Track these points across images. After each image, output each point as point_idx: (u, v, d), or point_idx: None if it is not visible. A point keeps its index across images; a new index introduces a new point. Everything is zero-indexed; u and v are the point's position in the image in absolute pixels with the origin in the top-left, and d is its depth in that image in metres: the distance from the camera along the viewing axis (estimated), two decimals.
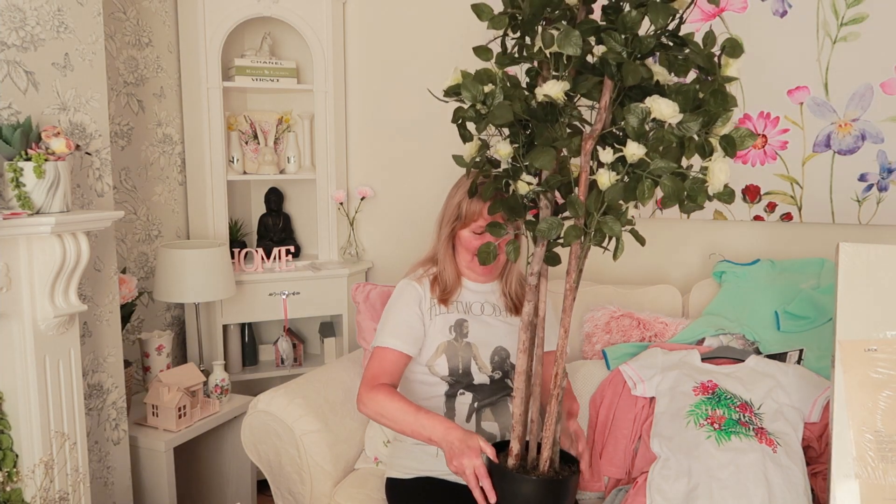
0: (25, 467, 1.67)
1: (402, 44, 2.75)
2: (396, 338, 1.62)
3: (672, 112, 1.07)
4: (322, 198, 2.79)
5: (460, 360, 1.64)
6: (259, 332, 2.91)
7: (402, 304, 1.68)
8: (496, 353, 1.67)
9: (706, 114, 1.11)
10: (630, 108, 1.10)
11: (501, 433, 1.61)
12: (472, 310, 1.70)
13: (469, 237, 1.64)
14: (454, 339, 1.66)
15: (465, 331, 1.67)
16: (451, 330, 1.66)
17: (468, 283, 1.72)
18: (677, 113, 1.08)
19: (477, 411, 1.63)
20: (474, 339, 1.66)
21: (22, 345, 1.66)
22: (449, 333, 1.66)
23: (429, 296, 1.68)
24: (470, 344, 1.66)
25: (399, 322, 1.65)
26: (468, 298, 1.71)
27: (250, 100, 2.92)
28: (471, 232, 1.63)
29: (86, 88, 1.88)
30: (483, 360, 1.66)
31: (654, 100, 1.08)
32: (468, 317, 1.68)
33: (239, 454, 2.37)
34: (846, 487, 1.32)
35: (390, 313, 1.68)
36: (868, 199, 2.06)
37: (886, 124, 2.01)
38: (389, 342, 1.62)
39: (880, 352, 1.35)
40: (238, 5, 2.59)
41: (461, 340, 1.66)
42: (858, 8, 2.00)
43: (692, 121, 1.10)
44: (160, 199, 2.64)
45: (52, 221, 1.57)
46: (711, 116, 1.12)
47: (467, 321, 1.68)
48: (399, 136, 2.80)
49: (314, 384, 1.96)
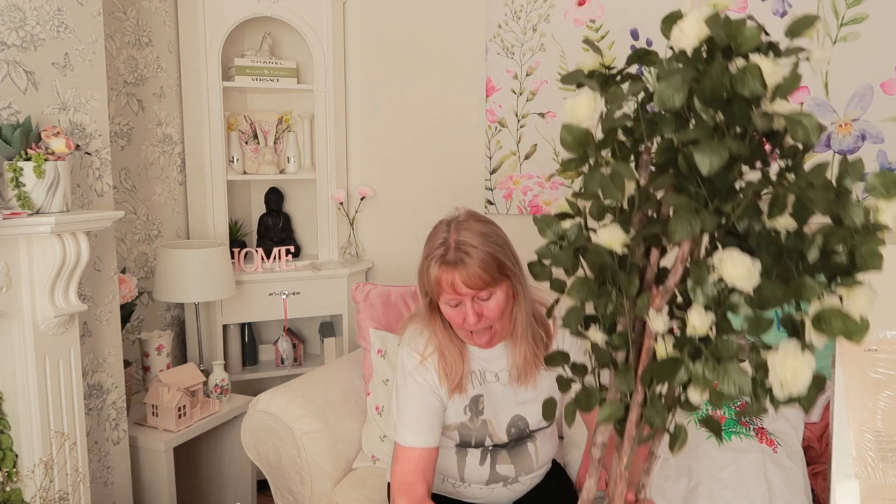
0: (25, 467, 1.67)
1: (401, 44, 2.75)
2: (417, 433, 1.42)
3: (745, 275, 0.77)
4: (322, 198, 2.79)
5: (473, 437, 1.50)
6: (259, 332, 2.91)
7: (416, 394, 1.45)
8: (513, 423, 1.50)
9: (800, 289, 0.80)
10: (697, 264, 0.82)
11: (517, 474, 1.52)
12: (486, 378, 1.49)
13: (447, 311, 1.38)
14: (469, 419, 1.49)
15: (480, 407, 1.49)
16: (466, 410, 1.49)
17: (472, 348, 1.48)
18: (754, 277, 0.77)
19: (491, 453, 1.52)
20: (490, 415, 1.49)
21: (22, 345, 1.65)
22: (464, 414, 1.49)
23: (443, 386, 1.45)
24: (486, 421, 1.49)
25: (418, 416, 1.44)
26: (478, 366, 1.50)
27: (250, 100, 2.92)
28: (446, 305, 1.38)
29: (86, 88, 1.88)
30: (499, 433, 1.50)
31: (725, 256, 0.78)
32: (483, 389, 1.48)
33: (239, 454, 2.37)
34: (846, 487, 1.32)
35: (405, 403, 1.46)
36: (868, 199, 2.06)
37: (886, 124, 2.01)
38: (411, 440, 1.42)
39: (880, 352, 1.35)
40: (238, 5, 2.59)
41: (476, 420, 1.49)
42: (858, 8, 2.00)
43: (774, 294, 0.79)
44: (160, 199, 2.64)
45: (51, 221, 1.57)
46: (806, 291, 0.81)
47: (482, 396, 1.48)
48: (399, 136, 2.80)
49: (314, 384, 1.96)
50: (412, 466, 1.40)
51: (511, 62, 2.52)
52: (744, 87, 0.77)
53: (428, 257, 1.36)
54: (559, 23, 2.42)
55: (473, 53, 2.60)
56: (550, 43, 2.44)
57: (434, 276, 1.34)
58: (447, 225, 1.38)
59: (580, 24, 2.39)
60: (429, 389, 1.45)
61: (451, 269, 1.32)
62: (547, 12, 2.44)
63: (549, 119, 2.48)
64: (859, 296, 0.81)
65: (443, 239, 1.35)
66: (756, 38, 0.80)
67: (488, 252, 1.32)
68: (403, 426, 1.44)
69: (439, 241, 1.35)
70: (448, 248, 1.33)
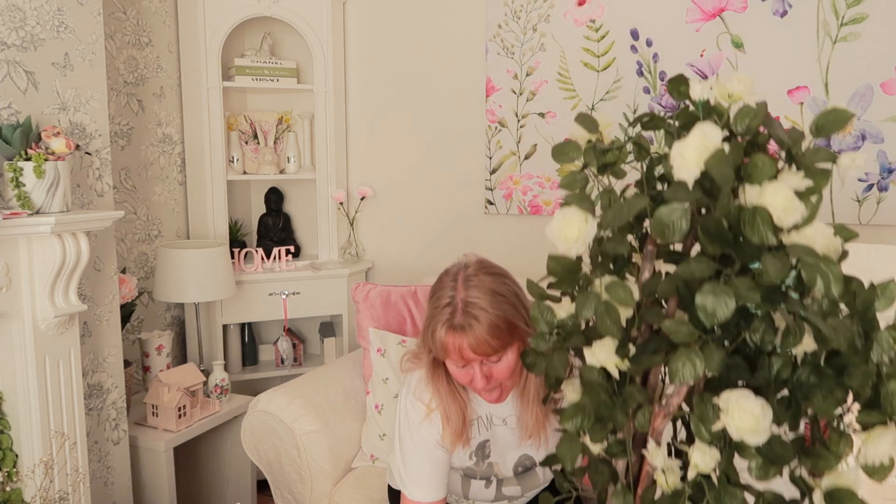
0: (25, 467, 1.67)
1: (401, 44, 2.75)
2: (424, 488, 1.40)
3: (753, 426, 0.70)
4: (322, 198, 2.79)
5: (479, 475, 1.47)
6: (259, 332, 2.91)
7: (422, 449, 1.40)
8: (520, 462, 1.47)
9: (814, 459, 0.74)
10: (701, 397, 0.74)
11: (523, 492, 1.49)
12: (493, 422, 1.44)
13: (453, 370, 1.32)
14: (474, 464, 1.45)
15: (487, 452, 1.45)
16: (472, 456, 1.45)
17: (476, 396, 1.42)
18: (764, 430, 0.70)
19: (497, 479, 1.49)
20: (497, 458, 1.46)
21: (22, 345, 1.65)
22: (469, 460, 1.45)
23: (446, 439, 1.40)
24: (492, 463, 1.46)
25: (424, 470, 1.40)
26: (485, 411, 1.44)
27: (250, 100, 2.92)
28: (452, 365, 1.31)
29: (86, 88, 1.88)
30: (505, 471, 1.47)
31: (733, 402, 0.71)
32: (490, 434, 1.44)
33: (239, 454, 2.37)
34: None
35: (410, 458, 1.41)
36: (868, 199, 2.06)
37: (886, 124, 2.01)
38: (419, 495, 1.40)
39: None
40: (238, 5, 2.59)
41: (482, 463, 1.45)
42: (858, 8, 2.00)
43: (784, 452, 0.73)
44: (160, 199, 2.64)
45: (51, 221, 1.57)
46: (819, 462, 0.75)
47: (489, 441, 1.44)
48: (399, 135, 2.80)
49: (314, 384, 1.96)
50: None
51: (511, 62, 2.52)
52: (753, 233, 0.68)
53: (434, 318, 1.27)
54: (559, 23, 2.42)
55: (473, 53, 2.60)
56: (550, 43, 2.44)
57: (440, 340, 1.26)
58: (454, 279, 1.29)
59: (580, 24, 2.39)
60: (434, 443, 1.40)
61: (459, 334, 1.23)
62: (547, 12, 2.44)
63: (549, 119, 2.48)
64: (882, 440, 0.72)
65: (450, 298, 1.26)
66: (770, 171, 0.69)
67: (498, 315, 1.23)
68: (410, 481, 1.41)
69: (446, 301, 1.27)
70: (455, 310, 1.24)
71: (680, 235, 0.70)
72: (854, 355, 0.71)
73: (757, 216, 0.68)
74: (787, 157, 0.74)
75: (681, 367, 0.70)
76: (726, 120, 0.74)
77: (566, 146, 0.82)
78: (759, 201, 0.68)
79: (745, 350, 0.76)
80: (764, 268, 0.67)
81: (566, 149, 0.82)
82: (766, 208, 0.67)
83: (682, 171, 0.70)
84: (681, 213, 0.70)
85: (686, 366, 0.70)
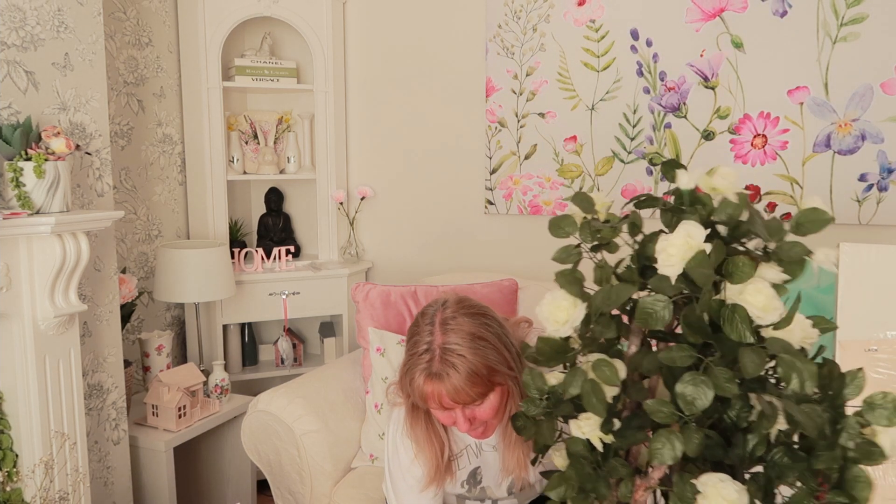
0: (25, 467, 1.67)
1: (402, 44, 2.75)
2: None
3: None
4: (322, 198, 2.79)
5: (473, 498, 1.47)
6: (259, 332, 2.91)
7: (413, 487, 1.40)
8: (512, 484, 1.44)
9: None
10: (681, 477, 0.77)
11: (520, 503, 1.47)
12: (483, 449, 1.41)
13: (437, 413, 1.28)
14: (466, 491, 1.44)
15: (478, 478, 1.43)
16: (463, 485, 1.43)
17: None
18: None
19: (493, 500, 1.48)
20: (489, 482, 1.43)
21: (22, 345, 1.65)
22: (462, 488, 1.43)
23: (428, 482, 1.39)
24: (485, 487, 1.44)
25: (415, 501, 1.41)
26: (471, 440, 1.40)
27: (250, 100, 2.92)
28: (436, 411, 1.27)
29: (86, 88, 1.88)
30: (498, 493, 1.45)
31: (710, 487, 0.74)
32: (480, 461, 1.41)
33: (239, 454, 2.37)
34: None
35: (403, 494, 1.41)
36: (868, 199, 2.06)
37: (886, 124, 2.01)
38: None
39: (881, 352, 1.35)
40: (238, 5, 2.59)
41: (475, 489, 1.44)
42: (858, 8, 2.00)
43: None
44: (160, 199, 2.64)
45: (52, 221, 1.56)
46: None
47: (480, 468, 1.41)
48: (399, 135, 2.80)
49: (314, 384, 1.96)
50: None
51: (511, 62, 2.52)
52: (731, 330, 0.72)
53: (411, 365, 1.22)
54: (559, 23, 2.42)
55: (473, 53, 2.60)
56: (550, 43, 2.44)
57: (419, 389, 1.21)
58: (431, 322, 1.24)
59: (580, 24, 2.39)
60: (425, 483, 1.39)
61: (437, 382, 1.19)
62: (547, 12, 2.44)
63: (550, 119, 2.48)
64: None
65: (427, 344, 1.21)
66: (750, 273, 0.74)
67: (478, 361, 1.19)
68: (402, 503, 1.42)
69: (423, 347, 1.22)
70: (433, 357, 1.19)
71: (662, 324, 0.75)
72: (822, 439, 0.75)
73: (736, 315, 0.72)
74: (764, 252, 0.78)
75: (661, 448, 0.73)
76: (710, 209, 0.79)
77: (562, 220, 0.85)
78: (740, 299, 0.72)
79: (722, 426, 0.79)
80: (742, 362, 0.70)
81: (562, 223, 0.85)
82: (745, 308, 0.72)
83: (665, 268, 0.75)
84: (664, 304, 0.75)
85: (666, 447, 0.73)
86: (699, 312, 0.74)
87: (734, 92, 2.19)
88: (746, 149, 2.20)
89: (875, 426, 0.77)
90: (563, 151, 2.47)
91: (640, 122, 2.33)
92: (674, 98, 2.27)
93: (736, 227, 0.78)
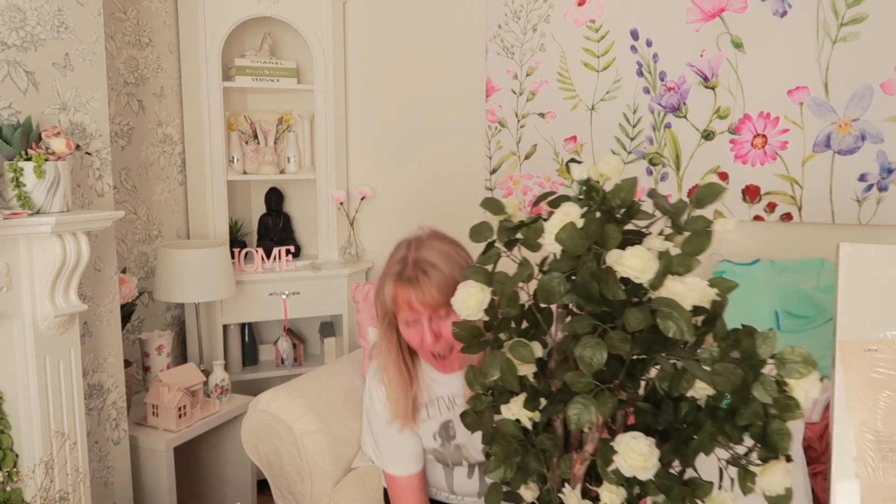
0: (25, 467, 1.67)
1: (402, 44, 2.75)
2: (400, 464, 1.45)
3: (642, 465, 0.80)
4: (322, 198, 2.79)
5: (449, 459, 1.48)
6: (259, 332, 2.91)
7: (391, 436, 1.45)
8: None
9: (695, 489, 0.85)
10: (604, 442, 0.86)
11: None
12: (456, 402, 1.43)
13: (405, 331, 1.34)
14: (440, 445, 1.46)
15: (451, 433, 1.45)
16: (435, 437, 1.45)
17: (438, 375, 1.44)
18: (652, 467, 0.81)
19: (479, 466, 1.48)
20: (463, 439, 1.44)
21: (22, 345, 1.65)
22: (434, 440, 1.45)
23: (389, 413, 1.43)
24: (459, 445, 1.45)
25: (397, 450, 1.45)
26: (446, 391, 1.44)
27: (250, 100, 2.92)
28: (403, 325, 1.34)
29: (86, 88, 1.88)
30: (475, 454, 1.46)
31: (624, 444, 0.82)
32: (452, 414, 1.44)
33: (239, 454, 2.37)
34: (846, 487, 1.32)
35: (381, 440, 1.47)
36: (868, 199, 2.06)
37: (886, 124, 2.01)
38: (398, 470, 1.45)
39: (881, 352, 1.35)
40: (238, 5, 2.59)
41: (449, 445, 1.46)
42: (858, 8, 2.00)
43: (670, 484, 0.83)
44: (160, 199, 2.64)
45: (52, 221, 1.57)
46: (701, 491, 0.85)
47: (452, 421, 1.44)
48: (399, 135, 2.80)
49: (314, 384, 1.96)
50: (408, 493, 1.45)
51: (511, 62, 2.52)
52: (607, 290, 0.80)
53: (385, 273, 1.32)
54: (559, 23, 2.42)
55: (473, 53, 2.60)
56: (550, 43, 2.44)
57: (389, 294, 1.30)
58: (408, 244, 1.34)
59: (580, 24, 2.39)
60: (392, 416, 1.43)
61: (407, 287, 1.27)
62: (547, 12, 2.44)
63: (549, 119, 2.48)
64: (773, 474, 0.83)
65: (401, 256, 1.32)
66: (616, 239, 0.83)
67: (448, 272, 1.27)
68: (386, 459, 1.47)
69: (398, 259, 1.32)
70: (406, 265, 1.29)
71: (559, 297, 0.83)
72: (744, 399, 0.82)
73: (609, 277, 0.80)
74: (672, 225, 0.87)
75: (578, 413, 0.81)
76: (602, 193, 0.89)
77: (481, 227, 0.96)
78: (620, 263, 0.80)
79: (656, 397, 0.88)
80: (626, 319, 0.79)
81: (481, 229, 0.96)
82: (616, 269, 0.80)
83: (549, 245, 0.86)
84: (558, 279, 0.83)
85: (582, 412, 0.81)
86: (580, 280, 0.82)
87: (734, 92, 2.19)
88: (746, 149, 2.20)
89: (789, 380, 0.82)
90: (563, 151, 2.47)
91: (640, 122, 2.33)
92: (674, 98, 2.27)
93: (629, 209, 0.87)
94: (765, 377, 0.81)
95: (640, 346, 0.83)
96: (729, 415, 0.84)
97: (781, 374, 0.82)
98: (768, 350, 0.82)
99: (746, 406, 0.81)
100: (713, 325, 0.86)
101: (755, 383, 0.81)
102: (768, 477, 0.83)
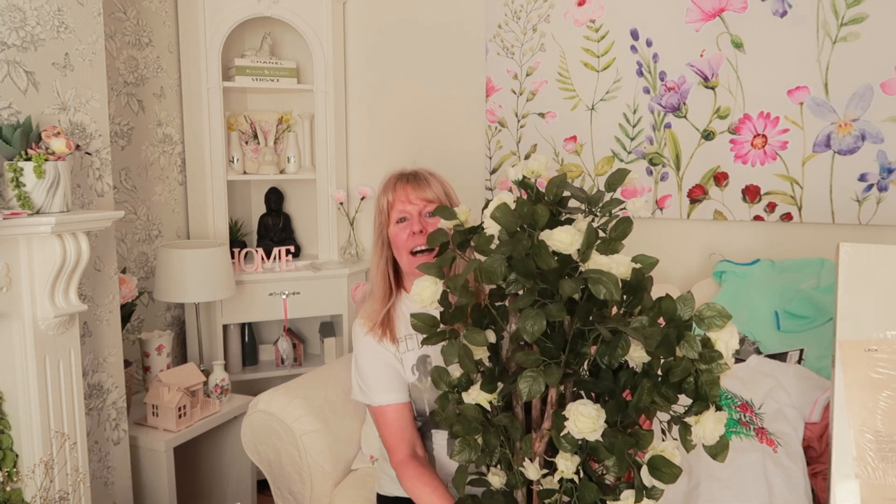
0: (25, 467, 1.67)
1: (401, 44, 2.75)
2: (387, 391, 1.48)
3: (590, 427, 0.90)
4: (322, 198, 2.79)
5: (426, 402, 1.51)
6: (259, 332, 2.91)
7: (371, 355, 1.51)
8: None
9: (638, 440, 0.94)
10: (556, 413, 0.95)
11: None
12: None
13: (394, 232, 1.48)
14: (417, 379, 1.50)
15: (427, 368, 1.50)
16: (413, 370, 1.50)
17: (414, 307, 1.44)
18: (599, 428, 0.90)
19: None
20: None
21: (22, 345, 1.65)
22: (412, 374, 1.50)
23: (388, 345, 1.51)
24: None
25: (380, 375, 1.50)
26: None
27: (250, 100, 2.92)
28: (394, 226, 1.48)
29: (86, 88, 1.88)
30: None
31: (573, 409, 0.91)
32: (431, 350, 1.49)
33: (239, 454, 2.37)
34: (846, 487, 1.32)
35: (364, 367, 1.52)
36: (868, 199, 2.06)
37: (886, 124, 2.01)
38: (384, 399, 1.48)
39: (880, 352, 1.35)
40: (238, 5, 2.59)
41: (424, 380, 1.50)
42: (858, 8, 2.01)
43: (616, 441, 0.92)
44: (160, 199, 2.64)
45: (52, 221, 1.56)
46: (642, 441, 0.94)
47: (430, 357, 1.50)
48: (399, 135, 2.80)
49: (314, 384, 1.96)
50: (397, 426, 1.48)
51: (511, 62, 2.52)
52: (541, 261, 0.90)
53: (385, 185, 1.51)
54: (559, 23, 2.42)
55: (473, 53, 2.60)
56: (550, 43, 2.44)
57: (390, 190, 1.49)
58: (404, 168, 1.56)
59: (580, 24, 2.39)
60: (380, 348, 1.51)
61: (406, 184, 1.48)
62: (547, 12, 2.44)
63: (549, 119, 2.48)
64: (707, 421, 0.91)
65: (401, 169, 1.54)
66: (545, 217, 0.94)
67: (441, 186, 1.50)
68: (371, 389, 1.50)
69: (397, 171, 1.54)
70: (406, 170, 1.52)
71: (499, 278, 0.93)
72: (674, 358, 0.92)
73: (541, 249, 0.91)
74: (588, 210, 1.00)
75: (527, 385, 0.90)
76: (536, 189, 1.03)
77: (437, 233, 1.09)
78: (551, 238, 0.92)
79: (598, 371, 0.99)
80: (560, 288, 0.89)
81: (437, 235, 1.09)
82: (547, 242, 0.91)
83: (489, 229, 1.01)
84: (500, 261, 0.94)
85: (532, 383, 0.90)
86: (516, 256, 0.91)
87: (734, 92, 2.19)
88: (746, 149, 2.20)
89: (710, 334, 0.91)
90: (563, 151, 2.47)
91: (640, 122, 2.33)
92: (674, 98, 2.27)
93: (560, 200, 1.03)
94: (688, 335, 0.90)
95: (580, 318, 0.93)
96: (664, 377, 0.92)
97: (702, 328, 0.91)
98: (688, 310, 0.91)
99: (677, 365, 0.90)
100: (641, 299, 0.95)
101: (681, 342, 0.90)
102: (702, 426, 0.91)
